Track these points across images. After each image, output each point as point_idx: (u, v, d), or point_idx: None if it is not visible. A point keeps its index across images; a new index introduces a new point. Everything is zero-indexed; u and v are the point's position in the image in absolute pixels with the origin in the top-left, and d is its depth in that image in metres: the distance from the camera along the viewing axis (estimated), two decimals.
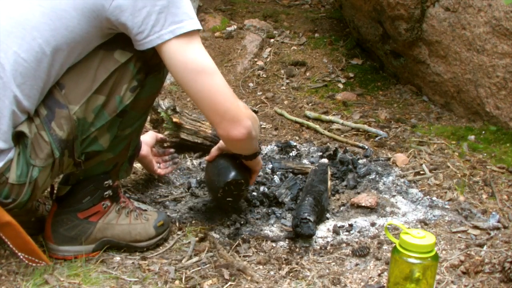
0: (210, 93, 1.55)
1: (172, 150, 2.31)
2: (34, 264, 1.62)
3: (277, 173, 2.32)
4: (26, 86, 1.48)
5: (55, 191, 1.75)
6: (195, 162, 2.48)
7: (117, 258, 1.76)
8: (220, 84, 1.56)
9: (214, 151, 1.97)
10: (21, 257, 1.60)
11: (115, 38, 1.57)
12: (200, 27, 1.56)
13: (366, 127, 2.79)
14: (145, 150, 2.14)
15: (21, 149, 1.52)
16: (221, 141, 1.93)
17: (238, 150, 1.82)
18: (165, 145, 2.34)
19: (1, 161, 1.48)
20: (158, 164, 2.24)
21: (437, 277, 1.66)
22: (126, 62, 1.58)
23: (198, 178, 2.29)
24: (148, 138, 2.19)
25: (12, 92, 1.46)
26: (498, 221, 2.00)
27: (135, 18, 1.49)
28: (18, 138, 1.52)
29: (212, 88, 1.55)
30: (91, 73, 1.55)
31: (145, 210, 1.92)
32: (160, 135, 2.28)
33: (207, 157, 2.01)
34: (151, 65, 1.63)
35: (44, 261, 1.63)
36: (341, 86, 3.32)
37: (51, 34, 1.48)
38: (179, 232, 1.92)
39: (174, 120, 2.42)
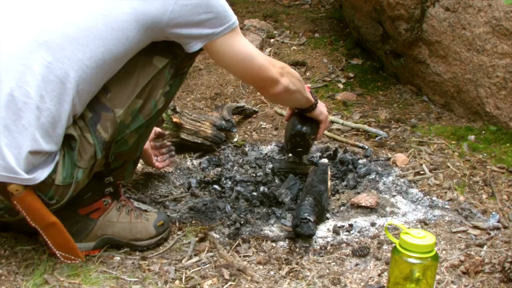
0: (254, 73, 1.79)
1: (168, 143, 2.34)
2: (69, 262, 1.66)
3: (277, 173, 2.32)
4: (84, 92, 1.52)
5: None
6: (195, 162, 2.47)
7: (117, 258, 1.76)
8: (261, 63, 1.78)
9: (287, 110, 2.28)
10: (58, 254, 1.63)
11: (153, 44, 1.64)
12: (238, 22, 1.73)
13: (366, 127, 2.79)
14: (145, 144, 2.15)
15: (66, 151, 1.55)
16: None
17: (286, 103, 2.18)
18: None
19: (52, 163, 1.51)
20: (156, 158, 2.25)
21: (437, 277, 1.66)
22: (163, 68, 1.65)
23: (198, 178, 2.29)
24: None
25: (72, 97, 1.49)
26: (498, 221, 2.00)
27: (191, 28, 1.61)
28: (63, 140, 1.54)
29: (255, 70, 1.78)
30: (134, 78, 1.62)
31: (145, 211, 1.92)
32: (158, 129, 2.29)
33: (284, 118, 2.35)
34: (178, 70, 1.71)
35: (80, 258, 1.67)
36: (341, 86, 3.31)
37: (113, 43, 1.52)
38: (179, 232, 1.92)
39: (174, 120, 2.41)
